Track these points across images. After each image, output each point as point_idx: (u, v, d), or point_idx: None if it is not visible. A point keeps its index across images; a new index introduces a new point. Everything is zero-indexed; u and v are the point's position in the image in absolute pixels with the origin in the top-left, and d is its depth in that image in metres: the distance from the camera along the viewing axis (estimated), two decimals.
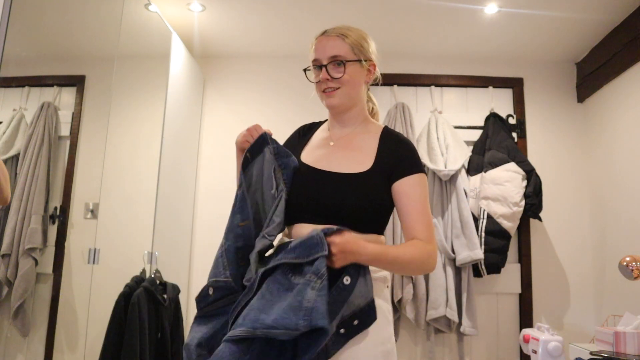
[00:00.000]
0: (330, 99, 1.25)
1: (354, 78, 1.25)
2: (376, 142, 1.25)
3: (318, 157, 1.27)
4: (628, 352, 1.84)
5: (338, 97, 1.25)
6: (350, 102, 1.28)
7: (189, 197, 2.86)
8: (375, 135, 1.27)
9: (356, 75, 1.26)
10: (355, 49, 1.25)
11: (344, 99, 1.26)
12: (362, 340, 1.08)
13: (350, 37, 1.25)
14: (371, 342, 1.09)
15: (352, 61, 1.24)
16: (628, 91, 2.47)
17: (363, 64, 1.26)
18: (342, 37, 1.25)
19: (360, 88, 1.28)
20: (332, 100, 1.25)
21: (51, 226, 1.83)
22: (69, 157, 1.88)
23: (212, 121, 3.02)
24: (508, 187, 2.59)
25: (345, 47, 1.25)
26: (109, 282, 2.05)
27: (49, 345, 1.81)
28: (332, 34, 1.26)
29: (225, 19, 2.62)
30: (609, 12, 2.40)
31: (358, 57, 1.25)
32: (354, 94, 1.27)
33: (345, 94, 1.25)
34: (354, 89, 1.26)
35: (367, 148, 1.24)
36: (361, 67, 1.26)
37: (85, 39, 2.00)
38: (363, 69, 1.27)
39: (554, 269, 2.82)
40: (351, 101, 1.27)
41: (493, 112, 2.87)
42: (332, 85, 1.24)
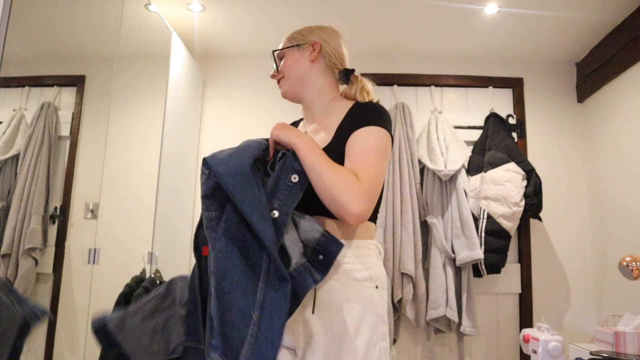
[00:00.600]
0: (280, 90, 1.30)
1: (292, 63, 1.27)
2: (342, 117, 1.17)
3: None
4: (628, 352, 1.84)
5: (283, 85, 1.30)
6: (299, 85, 1.28)
7: (189, 197, 2.86)
8: (343, 111, 1.19)
9: (294, 60, 1.27)
10: (291, 39, 1.30)
11: (288, 86, 1.28)
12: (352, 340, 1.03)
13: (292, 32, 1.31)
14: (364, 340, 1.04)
15: (286, 48, 1.29)
16: (628, 91, 2.48)
17: (300, 47, 1.27)
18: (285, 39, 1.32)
19: (305, 69, 1.27)
20: (281, 90, 1.30)
21: (51, 226, 1.83)
22: (69, 157, 1.88)
23: (212, 121, 3.02)
24: (508, 187, 2.59)
25: (284, 41, 1.31)
26: (109, 282, 2.05)
27: (49, 345, 1.81)
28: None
29: (225, 19, 2.62)
30: (609, 12, 2.40)
31: (292, 44, 1.28)
32: (301, 76, 1.27)
33: (288, 80, 1.28)
34: (295, 72, 1.27)
35: (332, 125, 1.18)
36: (299, 50, 1.27)
37: (85, 39, 2.00)
38: (302, 51, 1.27)
39: (554, 269, 2.82)
40: (299, 84, 1.27)
41: (493, 112, 2.87)
42: (277, 76, 1.30)
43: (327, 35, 1.29)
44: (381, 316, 1.08)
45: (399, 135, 2.73)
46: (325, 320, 1.05)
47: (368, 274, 1.09)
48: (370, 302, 1.07)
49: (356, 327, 1.04)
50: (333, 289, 1.06)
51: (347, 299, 1.06)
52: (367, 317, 1.05)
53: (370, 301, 1.07)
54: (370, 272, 1.10)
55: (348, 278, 1.07)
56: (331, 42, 1.29)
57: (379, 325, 1.07)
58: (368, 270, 1.09)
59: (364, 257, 1.10)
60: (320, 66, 1.27)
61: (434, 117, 2.83)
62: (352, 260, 1.09)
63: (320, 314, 1.06)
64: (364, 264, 1.09)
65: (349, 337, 1.03)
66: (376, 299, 1.08)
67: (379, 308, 1.08)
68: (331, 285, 1.06)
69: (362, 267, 1.09)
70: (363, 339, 1.04)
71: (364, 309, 1.06)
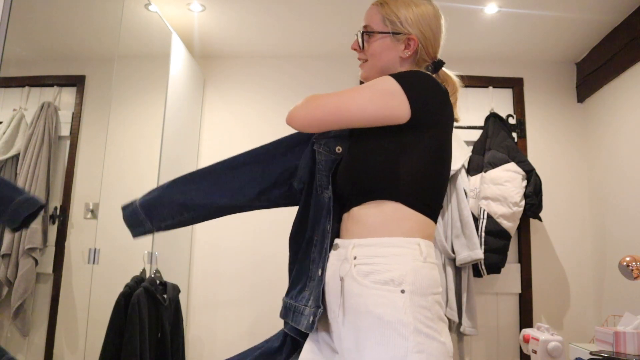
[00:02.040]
0: (361, 71, 1.19)
1: (381, 52, 1.13)
2: None
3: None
4: (628, 352, 1.84)
5: (365, 70, 1.18)
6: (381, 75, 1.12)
7: None
8: None
9: (384, 49, 1.13)
10: (387, 19, 1.12)
11: (370, 73, 1.16)
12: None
13: (388, 5, 1.13)
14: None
15: (379, 32, 1.12)
16: (628, 91, 2.47)
17: (395, 37, 1.12)
18: (379, 5, 1.15)
19: (391, 63, 1.14)
20: (361, 72, 1.19)
21: (51, 226, 1.83)
22: (69, 157, 1.88)
23: (212, 121, 3.02)
24: (508, 187, 2.59)
25: (378, 17, 1.14)
26: (109, 282, 2.05)
27: (49, 345, 1.81)
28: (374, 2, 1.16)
29: (225, 19, 2.62)
30: (609, 12, 2.40)
31: (388, 29, 1.12)
32: (386, 69, 1.14)
33: (371, 68, 1.16)
34: (382, 63, 1.14)
35: None
36: (392, 40, 1.12)
37: (85, 39, 2.00)
38: (396, 42, 1.12)
39: (554, 269, 2.82)
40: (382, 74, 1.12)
41: (493, 112, 2.87)
42: (361, 57, 1.18)
43: (427, 26, 1.14)
44: (409, 325, 0.92)
45: None
46: (352, 324, 0.98)
47: (389, 277, 0.95)
48: (392, 309, 0.93)
49: (380, 336, 0.93)
50: (355, 292, 0.98)
51: (366, 304, 0.96)
52: (389, 325, 0.93)
53: (392, 308, 0.93)
54: (393, 274, 0.96)
55: (369, 281, 0.97)
56: (430, 34, 1.15)
57: (408, 335, 0.91)
58: (390, 272, 0.96)
59: (390, 256, 0.98)
60: (409, 63, 1.15)
61: None
62: (372, 260, 0.99)
63: (347, 317, 0.99)
64: (388, 265, 0.97)
65: (374, 347, 0.93)
66: (399, 305, 0.93)
67: (404, 316, 0.92)
68: (355, 288, 0.99)
69: (384, 268, 0.97)
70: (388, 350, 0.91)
71: (384, 317, 0.93)
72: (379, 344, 0.92)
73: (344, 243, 1.07)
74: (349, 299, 0.99)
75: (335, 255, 1.07)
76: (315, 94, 1.04)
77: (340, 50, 2.94)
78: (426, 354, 0.91)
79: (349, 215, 1.09)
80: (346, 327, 0.99)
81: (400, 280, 0.95)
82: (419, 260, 0.98)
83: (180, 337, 2.29)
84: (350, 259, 1.01)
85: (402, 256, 0.98)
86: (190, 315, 2.76)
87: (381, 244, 1.00)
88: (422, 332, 0.92)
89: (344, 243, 1.06)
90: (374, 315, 0.94)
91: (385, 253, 0.98)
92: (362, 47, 1.16)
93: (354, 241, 1.04)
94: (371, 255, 0.99)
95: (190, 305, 2.77)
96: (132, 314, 1.93)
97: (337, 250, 1.08)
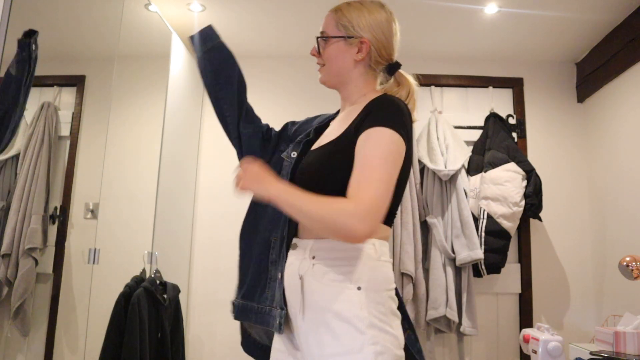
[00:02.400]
0: (319, 76, 1.23)
1: (336, 56, 1.17)
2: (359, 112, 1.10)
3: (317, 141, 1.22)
4: (628, 352, 1.84)
5: (322, 74, 1.22)
6: (337, 80, 1.20)
7: (189, 197, 2.86)
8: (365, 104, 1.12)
9: (338, 53, 1.17)
10: (341, 24, 1.17)
11: (327, 77, 1.21)
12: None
13: (342, 11, 1.18)
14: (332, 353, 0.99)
15: (333, 37, 1.17)
16: (628, 91, 2.48)
17: (348, 41, 1.16)
18: (334, 12, 1.20)
19: (347, 67, 1.17)
20: (320, 77, 1.23)
21: (51, 226, 1.83)
22: (69, 157, 1.88)
23: (212, 121, 3.02)
24: (508, 187, 2.59)
25: (332, 22, 1.19)
26: (109, 282, 2.05)
27: (49, 345, 1.81)
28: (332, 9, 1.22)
29: (225, 19, 2.62)
30: (609, 12, 2.40)
31: (342, 33, 1.16)
32: (342, 72, 1.18)
33: (328, 71, 1.20)
34: (337, 67, 1.18)
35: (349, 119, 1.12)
36: (346, 44, 1.16)
37: (85, 39, 2.00)
38: (349, 46, 1.16)
39: (554, 269, 2.82)
40: (338, 79, 1.20)
41: (493, 112, 2.87)
42: (319, 62, 1.22)
43: (379, 29, 1.16)
44: (364, 319, 0.98)
45: None
46: (312, 321, 1.04)
47: (347, 275, 1.02)
48: (348, 305, 1.00)
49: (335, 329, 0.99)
50: (314, 289, 1.04)
51: (325, 301, 1.02)
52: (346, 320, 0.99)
53: (348, 304, 1.00)
54: (350, 272, 1.02)
55: (327, 279, 1.03)
56: (382, 38, 1.17)
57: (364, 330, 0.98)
58: (348, 271, 1.02)
59: (348, 258, 1.04)
60: (364, 65, 1.18)
61: (434, 117, 2.83)
62: (332, 260, 1.04)
63: (307, 314, 1.05)
64: (345, 264, 1.03)
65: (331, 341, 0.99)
66: (356, 301, 1.00)
67: (359, 311, 0.99)
68: (314, 286, 1.04)
69: (342, 266, 1.03)
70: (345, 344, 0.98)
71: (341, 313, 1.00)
72: (337, 338, 0.99)
73: (302, 243, 1.11)
74: (308, 297, 1.05)
75: (294, 254, 1.11)
76: (340, 205, 0.94)
77: None
78: (380, 346, 0.98)
79: None
80: (306, 324, 1.05)
81: (356, 278, 1.02)
82: (373, 259, 1.05)
83: (180, 337, 2.29)
84: (309, 258, 1.07)
85: (357, 256, 1.04)
86: (190, 315, 2.76)
87: (338, 245, 1.04)
88: (377, 326, 0.99)
89: (303, 243, 1.11)
90: (332, 311, 1.00)
91: (342, 253, 1.04)
92: (318, 52, 1.21)
93: (312, 241, 1.08)
94: (329, 255, 1.05)
95: (190, 305, 2.77)
96: (132, 314, 1.93)
97: (295, 250, 1.12)
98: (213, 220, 2.88)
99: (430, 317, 2.54)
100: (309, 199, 0.97)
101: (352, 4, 1.19)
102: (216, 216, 2.88)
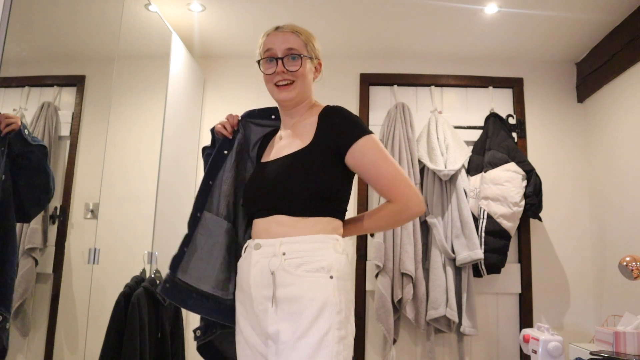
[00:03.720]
0: (285, 93, 1.29)
1: (308, 74, 1.30)
2: (316, 120, 1.27)
3: (268, 154, 1.34)
4: (628, 352, 1.84)
5: (294, 90, 1.28)
6: (303, 97, 1.32)
7: (189, 197, 2.86)
8: (316, 115, 1.29)
9: (309, 71, 1.31)
10: (307, 46, 1.30)
11: (299, 93, 1.29)
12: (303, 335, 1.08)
13: (303, 34, 1.31)
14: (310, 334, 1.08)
15: (307, 57, 1.29)
16: (628, 91, 2.47)
17: (312, 62, 1.32)
18: (297, 34, 1.30)
19: (310, 84, 1.33)
20: (288, 94, 1.28)
21: (51, 226, 1.83)
22: (69, 157, 1.88)
23: (212, 121, 3.01)
24: (508, 187, 2.59)
25: (300, 42, 1.29)
26: (109, 282, 2.05)
27: (49, 345, 1.81)
28: (286, 30, 1.30)
29: (225, 19, 2.62)
30: (609, 12, 2.40)
31: (310, 54, 1.30)
32: (307, 88, 1.31)
33: (299, 88, 1.29)
34: (307, 84, 1.31)
35: (309, 128, 1.27)
36: (311, 64, 1.32)
37: (85, 39, 2.00)
38: (312, 66, 1.32)
39: (554, 269, 2.82)
40: (303, 95, 1.31)
41: (493, 112, 2.87)
42: (288, 78, 1.27)
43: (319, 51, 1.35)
44: (336, 305, 1.11)
45: (399, 135, 2.73)
46: (285, 312, 1.13)
47: (320, 266, 1.14)
48: (323, 292, 1.12)
49: (311, 315, 1.09)
50: (287, 281, 1.14)
51: (299, 290, 1.12)
52: (320, 305, 1.10)
53: (323, 290, 1.12)
54: (322, 263, 1.15)
55: (301, 270, 1.14)
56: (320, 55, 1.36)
57: (334, 314, 1.10)
58: (320, 262, 1.15)
59: (317, 250, 1.17)
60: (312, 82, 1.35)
61: (434, 117, 2.83)
62: (304, 254, 1.16)
63: (280, 305, 1.14)
64: (317, 257, 1.15)
65: (305, 325, 1.08)
66: (329, 288, 1.12)
67: (333, 297, 1.12)
68: (287, 279, 1.14)
69: (314, 259, 1.15)
70: (318, 327, 1.08)
71: (317, 298, 1.11)
72: (308, 322, 1.08)
73: (268, 242, 1.20)
74: (281, 289, 1.14)
75: (260, 253, 1.21)
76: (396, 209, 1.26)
77: (339, 50, 2.94)
78: (344, 331, 1.11)
79: (271, 219, 1.23)
80: (278, 315, 1.14)
81: (328, 267, 1.15)
82: (338, 252, 1.19)
83: (180, 337, 2.29)
84: (280, 255, 1.17)
85: (326, 249, 1.17)
86: (190, 315, 2.75)
87: (306, 241, 1.18)
88: (344, 313, 1.12)
89: (269, 242, 1.20)
90: (307, 298, 1.11)
91: (311, 247, 1.17)
92: (293, 69, 1.27)
93: (280, 240, 1.19)
94: (299, 250, 1.17)
95: None
96: (132, 314, 1.93)
97: (260, 250, 1.21)
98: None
99: (430, 317, 2.54)
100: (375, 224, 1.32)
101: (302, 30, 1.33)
102: None
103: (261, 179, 1.28)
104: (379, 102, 2.99)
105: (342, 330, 1.10)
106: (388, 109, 2.88)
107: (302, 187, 1.20)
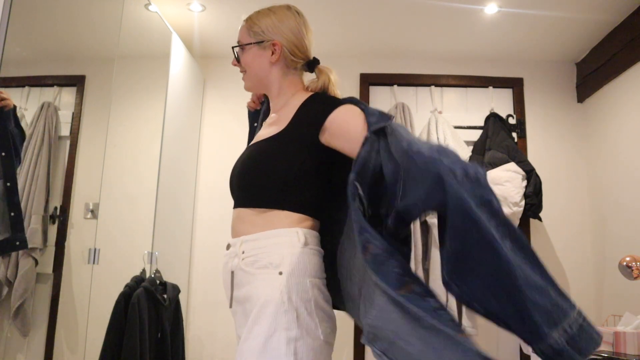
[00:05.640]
0: (244, 83, 1.29)
1: (252, 61, 1.23)
2: (297, 106, 1.17)
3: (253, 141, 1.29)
4: (628, 352, 1.84)
5: (247, 80, 1.28)
6: (261, 84, 1.26)
7: (189, 197, 2.86)
8: (299, 102, 1.18)
9: (254, 58, 1.23)
10: (252, 32, 1.22)
11: (251, 82, 1.27)
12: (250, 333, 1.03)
13: (252, 19, 1.24)
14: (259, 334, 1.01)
15: (248, 44, 1.23)
16: (628, 91, 2.47)
17: (260, 45, 1.21)
18: (246, 21, 1.25)
19: (265, 70, 1.23)
20: (245, 83, 1.29)
21: (51, 226, 1.83)
22: (69, 157, 1.88)
23: (212, 121, 3.02)
24: (508, 187, 2.58)
25: (245, 31, 1.24)
26: (109, 282, 2.05)
27: (49, 345, 1.81)
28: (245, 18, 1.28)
29: (225, 19, 2.62)
30: (609, 12, 2.40)
31: (254, 40, 1.22)
32: (261, 75, 1.24)
33: (249, 77, 1.26)
34: (257, 71, 1.24)
35: (288, 115, 1.17)
36: (259, 49, 1.21)
37: (85, 39, 2.00)
38: (262, 50, 1.21)
39: (554, 269, 2.82)
40: (260, 83, 1.26)
41: (493, 112, 2.87)
42: (241, 70, 1.28)
43: (288, 29, 1.21)
44: (283, 303, 1.01)
45: None
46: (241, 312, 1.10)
47: (268, 261, 1.06)
48: (269, 289, 1.03)
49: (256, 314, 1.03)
50: (243, 281, 1.10)
51: (250, 289, 1.07)
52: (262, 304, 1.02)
53: (269, 288, 1.03)
54: (272, 258, 1.06)
55: (253, 268, 1.08)
56: (293, 37, 1.20)
57: (280, 314, 1.00)
58: (270, 257, 1.06)
59: (271, 245, 1.08)
60: (281, 66, 1.22)
61: (434, 117, 2.83)
62: (258, 251, 1.09)
63: (238, 306, 1.12)
64: (268, 252, 1.07)
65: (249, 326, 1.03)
66: (275, 285, 1.03)
67: (279, 294, 1.02)
68: (243, 278, 1.10)
69: (265, 255, 1.07)
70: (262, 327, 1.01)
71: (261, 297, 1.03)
72: (257, 323, 1.02)
73: (233, 242, 1.17)
74: (238, 289, 1.11)
75: (228, 254, 1.17)
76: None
77: (339, 49, 2.94)
78: (295, 332, 1.00)
79: (236, 214, 1.19)
80: (238, 315, 1.12)
81: (277, 263, 1.05)
82: (297, 246, 1.07)
83: (180, 337, 2.29)
84: (240, 254, 1.12)
85: (281, 243, 1.08)
86: (190, 315, 2.76)
87: (264, 237, 1.10)
88: (295, 312, 1.01)
89: (233, 242, 1.17)
90: (255, 296, 1.05)
91: (267, 243, 1.09)
92: (238, 60, 1.26)
93: (242, 238, 1.13)
94: (256, 247, 1.10)
95: (190, 305, 2.77)
96: (132, 314, 1.93)
97: (229, 250, 1.18)
98: (213, 220, 2.88)
99: None
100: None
101: (261, 11, 1.25)
102: (216, 216, 2.88)
103: (234, 168, 1.23)
104: (379, 102, 2.99)
105: (292, 330, 1.00)
106: (388, 109, 2.88)
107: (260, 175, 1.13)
